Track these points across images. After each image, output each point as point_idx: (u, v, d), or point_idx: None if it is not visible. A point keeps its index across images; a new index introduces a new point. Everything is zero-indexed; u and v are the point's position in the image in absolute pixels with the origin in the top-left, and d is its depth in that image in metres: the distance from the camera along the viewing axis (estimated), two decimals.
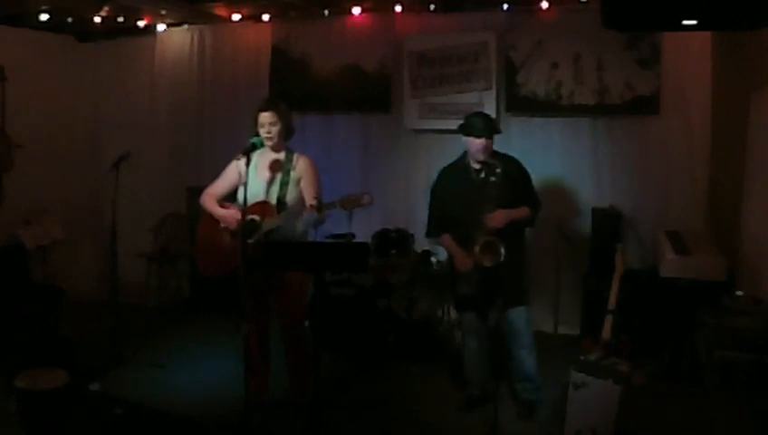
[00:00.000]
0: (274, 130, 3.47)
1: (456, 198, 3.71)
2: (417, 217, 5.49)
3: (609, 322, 3.38)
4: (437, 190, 3.87)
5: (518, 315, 3.71)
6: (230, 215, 3.48)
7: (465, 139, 3.67)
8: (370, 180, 5.48)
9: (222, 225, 3.54)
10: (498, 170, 3.50)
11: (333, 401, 3.94)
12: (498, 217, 3.50)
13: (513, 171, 3.70)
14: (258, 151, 3.47)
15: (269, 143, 3.47)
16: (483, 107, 5.15)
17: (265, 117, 3.48)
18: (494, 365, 3.53)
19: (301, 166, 3.54)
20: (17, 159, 5.48)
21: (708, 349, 3.36)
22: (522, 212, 3.67)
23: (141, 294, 5.88)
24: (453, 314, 5.03)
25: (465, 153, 3.75)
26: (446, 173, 3.85)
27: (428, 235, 3.95)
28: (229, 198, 3.66)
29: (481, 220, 3.50)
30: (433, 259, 5.14)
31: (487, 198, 3.51)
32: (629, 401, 3.07)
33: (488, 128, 3.61)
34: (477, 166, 3.67)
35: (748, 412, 2.77)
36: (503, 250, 3.42)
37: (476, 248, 3.49)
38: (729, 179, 4.23)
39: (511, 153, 3.87)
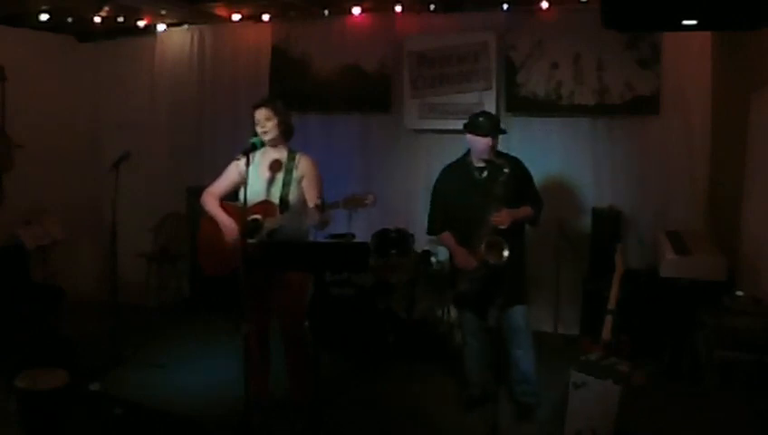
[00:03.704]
0: (269, 124, 3.47)
1: (458, 196, 3.72)
2: (417, 217, 5.49)
3: (609, 322, 3.38)
4: (439, 188, 3.86)
5: (518, 314, 3.71)
6: (230, 227, 3.46)
7: (468, 137, 3.67)
8: (370, 180, 5.48)
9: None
10: (506, 170, 3.51)
11: (333, 401, 3.94)
12: (504, 217, 3.50)
13: (517, 171, 3.70)
14: (260, 151, 3.47)
15: (266, 138, 3.47)
16: (483, 107, 5.14)
17: (260, 113, 3.48)
18: (495, 366, 3.52)
19: (303, 165, 3.55)
20: (17, 159, 5.48)
21: (708, 349, 3.36)
22: (525, 211, 3.68)
23: (141, 294, 5.88)
24: (453, 314, 5.04)
25: (468, 152, 3.75)
26: (448, 172, 3.85)
27: (430, 232, 3.95)
28: (231, 197, 3.66)
29: (485, 219, 3.50)
30: (433, 259, 5.13)
31: (493, 197, 3.51)
32: (629, 401, 3.07)
33: (492, 127, 3.62)
34: (481, 165, 3.67)
35: (748, 412, 2.77)
36: (507, 249, 3.42)
37: (482, 247, 3.50)
38: (729, 179, 4.23)
39: (511, 153, 3.87)
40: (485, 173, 3.65)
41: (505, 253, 3.43)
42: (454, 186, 3.77)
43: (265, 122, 3.47)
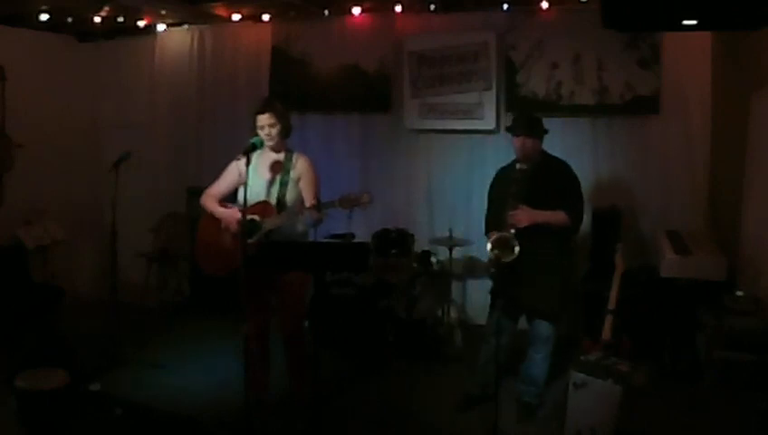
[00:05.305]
0: (274, 131, 3.49)
1: (500, 196, 3.71)
2: (417, 217, 5.51)
3: (609, 322, 3.39)
4: (490, 189, 3.88)
5: (542, 328, 3.67)
6: (230, 215, 3.49)
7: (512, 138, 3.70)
8: (370, 180, 5.48)
9: (222, 225, 3.54)
10: (518, 168, 3.51)
11: (333, 400, 3.94)
12: (519, 215, 3.46)
13: (553, 173, 3.65)
14: (258, 151, 3.47)
15: (270, 144, 3.49)
16: (483, 107, 5.17)
17: (263, 119, 3.48)
18: (497, 368, 3.48)
19: (300, 166, 3.55)
20: (17, 159, 5.48)
21: (708, 349, 3.37)
22: (554, 216, 3.52)
23: (141, 294, 5.88)
24: (453, 313, 5.04)
25: None
26: (499, 173, 3.87)
27: (485, 232, 3.89)
28: (230, 198, 3.67)
29: (505, 217, 3.49)
30: (433, 259, 5.14)
31: (509, 195, 3.52)
32: (629, 401, 3.08)
33: (522, 126, 3.62)
34: (524, 166, 3.62)
35: (748, 412, 2.78)
36: (516, 247, 3.37)
37: (489, 243, 3.48)
38: (729, 180, 4.23)
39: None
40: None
41: (514, 251, 3.37)
42: (499, 186, 3.78)
43: (269, 129, 3.48)
